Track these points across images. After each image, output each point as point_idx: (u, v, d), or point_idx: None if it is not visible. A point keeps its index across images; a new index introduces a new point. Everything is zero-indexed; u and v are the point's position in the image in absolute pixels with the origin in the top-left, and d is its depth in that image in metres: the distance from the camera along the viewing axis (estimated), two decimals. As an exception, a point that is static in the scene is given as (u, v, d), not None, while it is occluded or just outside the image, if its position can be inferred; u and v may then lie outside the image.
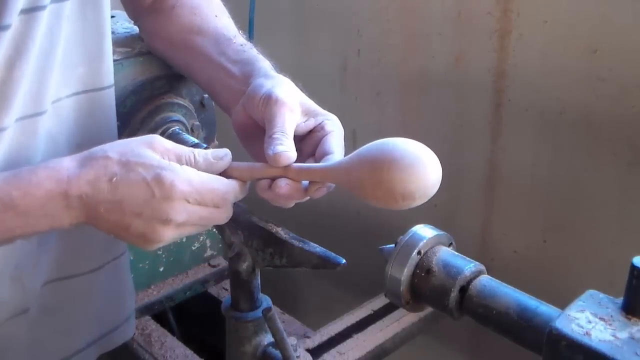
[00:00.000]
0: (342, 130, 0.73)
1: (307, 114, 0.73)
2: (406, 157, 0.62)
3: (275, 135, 0.68)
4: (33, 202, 0.62)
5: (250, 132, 0.75)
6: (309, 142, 0.72)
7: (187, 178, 0.63)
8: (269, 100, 0.70)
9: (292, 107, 0.70)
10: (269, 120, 0.69)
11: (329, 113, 0.74)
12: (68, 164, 0.63)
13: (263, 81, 0.74)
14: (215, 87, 0.82)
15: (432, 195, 0.63)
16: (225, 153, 0.69)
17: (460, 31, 1.20)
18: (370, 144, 0.65)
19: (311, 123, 0.72)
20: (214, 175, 0.66)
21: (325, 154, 0.69)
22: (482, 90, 1.19)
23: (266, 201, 0.69)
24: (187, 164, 0.66)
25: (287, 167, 0.67)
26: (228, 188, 0.67)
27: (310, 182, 0.67)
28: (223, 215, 0.68)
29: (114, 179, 0.62)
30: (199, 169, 0.66)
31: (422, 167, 0.62)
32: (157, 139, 0.66)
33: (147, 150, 0.64)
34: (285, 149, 0.67)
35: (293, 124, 0.70)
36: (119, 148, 0.64)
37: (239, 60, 0.80)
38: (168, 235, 0.65)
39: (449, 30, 1.21)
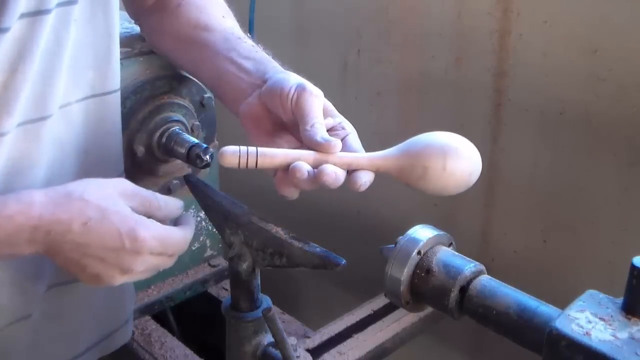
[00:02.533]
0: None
1: (326, 113, 0.74)
2: (466, 146, 0.68)
3: (317, 125, 0.69)
4: (0, 234, 0.62)
5: (262, 125, 0.75)
6: None
7: (159, 235, 0.67)
8: (303, 92, 0.71)
9: (322, 102, 0.72)
10: (306, 111, 0.70)
11: (342, 116, 0.75)
12: (40, 199, 0.64)
13: (286, 75, 0.75)
14: (223, 81, 0.82)
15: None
16: (180, 205, 0.74)
17: (460, 31, 1.20)
18: (419, 136, 0.69)
19: (330, 122, 0.73)
20: (174, 228, 0.71)
21: (351, 151, 0.70)
22: (482, 90, 1.19)
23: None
24: (150, 207, 0.70)
25: (332, 155, 0.68)
26: (186, 237, 0.73)
27: (354, 175, 0.68)
28: (172, 262, 0.73)
29: (88, 223, 0.63)
30: (158, 213, 0.71)
31: (477, 155, 0.68)
32: (128, 185, 0.69)
33: (122, 200, 0.67)
34: (332, 137, 0.68)
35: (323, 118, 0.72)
36: (96, 191, 0.66)
37: (252, 58, 0.80)
38: (121, 280, 0.68)
39: (449, 30, 1.21)
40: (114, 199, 0.66)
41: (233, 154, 0.66)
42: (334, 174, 0.65)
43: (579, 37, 1.04)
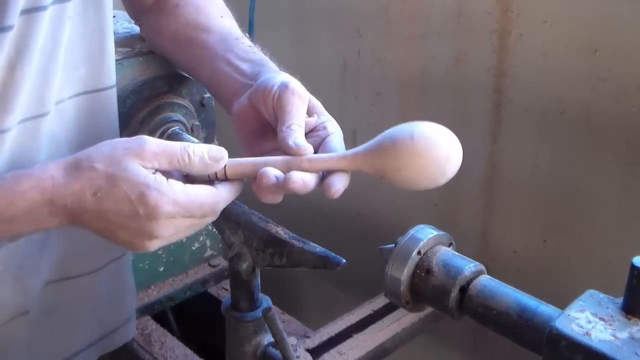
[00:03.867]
0: (342, 133, 0.73)
1: (312, 111, 0.73)
2: (434, 126, 0.64)
3: (293, 127, 0.67)
4: (18, 211, 0.61)
5: (250, 124, 0.75)
6: (309, 140, 0.70)
7: (173, 198, 0.61)
8: (285, 90, 0.69)
9: (305, 101, 0.71)
10: (285, 111, 0.69)
11: (330, 115, 0.74)
12: (53, 172, 0.62)
13: (274, 75, 0.74)
14: (218, 81, 0.82)
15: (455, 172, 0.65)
16: (222, 155, 0.65)
17: (460, 31, 1.20)
18: (388, 130, 0.65)
19: (313, 121, 0.72)
20: (202, 187, 0.64)
21: (330, 152, 0.68)
22: (482, 90, 1.19)
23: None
24: (179, 165, 0.64)
25: (301, 158, 0.66)
26: (218, 198, 0.65)
27: (328, 181, 0.65)
28: (212, 219, 0.67)
29: (99, 193, 0.61)
30: (193, 170, 0.64)
31: (453, 143, 0.64)
32: (146, 145, 0.62)
33: (134, 163, 0.62)
34: (305, 142, 0.67)
35: (305, 117, 0.70)
36: (105, 157, 0.62)
37: (249, 60, 0.80)
38: (156, 245, 0.64)
39: (449, 30, 1.21)
40: (123, 162, 0.61)
41: None
42: (301, 181, 0.63)
43: (579, 37, 1.03)
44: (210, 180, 0.67)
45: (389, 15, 1.31)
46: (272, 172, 0.64)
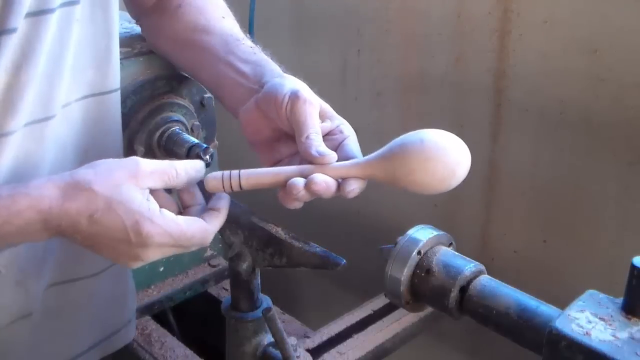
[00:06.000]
0: (356, 135, 0.73)
1: (323, 116, 0.73)
2: (443, 139, 0.65)
3: (312, 136, 0.68)
4: (12, 229, 0.62)
5: (262, 132, 0.75)
6: (326, 144, 0.71)
7: (165, 229, 0.64)
8: (297, 100, 0.70)
9: (317, 108, 0.71)
10: (301, 121, 0.69)
11: (341, 117, 0.74)
12: (50, 192, 0.62)
13: (282, 80, 0.74)
14: (221, 84, 0.82)
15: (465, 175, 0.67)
16: (201, 166, 0.70)
17: (460, 31, 1.20)
18: (398, 137, 0.66)
19: (328, 126, 0.72)
20: (193, 219, 0.67)
21: (348, 156, 0.69)
22: (482, 90, 1.19)
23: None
24: (169, 181, 0.66)
25: (323, 167, 0.67)
26: (208, 233, 0.68)
27: (344, 182, 0.67)
28: (194, 249, 0.69)
29: (95, 215, 0.62)
30: (180, 183, 0.67)
31: (462, 147, 0.66)
32: (140, 166, 0.65)
33: (131, 186, 0.64)
34: (328, 149, 0.68)
35: (319, 123, 0.71)
36: (104, 180, 0.63)
37: (250, 61, 0.79)
38: (138, 265, 0.67)
39: (449, 30, 1.21)
40: (122, 186, 0.63)
41: (215, 178, 0.68)
42: (324, 183, 0.65)
43: (579, 37, 1.04)
44: (226, 192, 0.69)
45: (389, 15, 1.31)
46: (301, 184, 0.66)
